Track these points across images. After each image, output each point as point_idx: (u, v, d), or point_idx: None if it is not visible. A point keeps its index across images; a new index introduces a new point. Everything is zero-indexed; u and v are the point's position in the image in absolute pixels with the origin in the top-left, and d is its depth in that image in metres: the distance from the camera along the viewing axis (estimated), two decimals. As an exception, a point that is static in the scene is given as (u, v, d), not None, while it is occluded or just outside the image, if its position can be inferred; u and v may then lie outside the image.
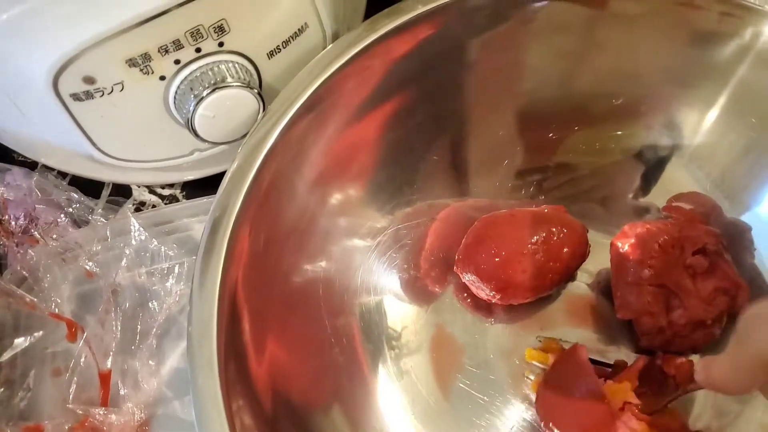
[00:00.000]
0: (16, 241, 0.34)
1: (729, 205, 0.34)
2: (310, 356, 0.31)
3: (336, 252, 0.34)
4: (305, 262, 0.32)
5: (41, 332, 0.33)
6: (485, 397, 0.33)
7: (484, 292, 0.33)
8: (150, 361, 0.33)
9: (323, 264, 0.33)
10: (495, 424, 0.32)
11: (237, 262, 0.27)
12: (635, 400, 0.28)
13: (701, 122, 0.34)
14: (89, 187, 0.37)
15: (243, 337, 0.27)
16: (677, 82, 0.34)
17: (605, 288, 0.34)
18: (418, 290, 0.36)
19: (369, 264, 0.35)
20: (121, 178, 0.37)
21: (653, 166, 0.36)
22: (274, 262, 0.30)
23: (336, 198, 0.34)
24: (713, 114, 0.34)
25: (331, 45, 0.32)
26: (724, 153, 0.34)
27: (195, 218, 0.38)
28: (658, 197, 0.36)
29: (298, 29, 0.32)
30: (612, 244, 0.29)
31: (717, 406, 0.32)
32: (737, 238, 0.33)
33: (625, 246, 0.32)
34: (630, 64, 0.34)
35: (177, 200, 0.40)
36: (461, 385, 0.33)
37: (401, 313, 0.35)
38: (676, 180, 0.36)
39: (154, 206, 0.40)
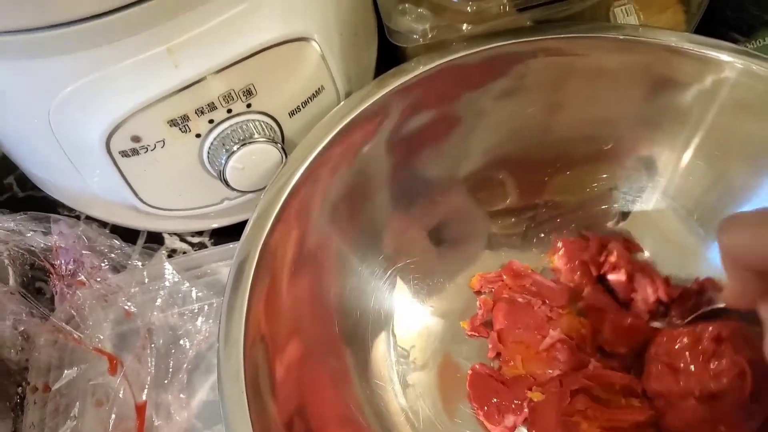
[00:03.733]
0: (66, 283, 0.36)
1: (704, 232, 0.35)
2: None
3: (351, 280, 0.35)
4: (322, 291, 0.34)
5: (85, 366, 0.35)
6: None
7: None
8: (181, 395, 0.35)
9: (339, 291, 0.34)
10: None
11: (259, 299, 0.29)
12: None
13: (676, 161, 0.36)
14: (125, 236, 0.39)
15: (266, 355, 0.29)
16: (652, 126, 0.36)
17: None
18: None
19: (382, 291, 0.36)
20: (156, 226, 0.39)
21: (631, 199, 0.38)
22: (294, 293, 0.32)
23: (351, 232, 0.35)
24: (687, 154, 0.35)
25: (343, 102, 0.35)
26: (696, 185, 0.35)
27: (222, 262, 0.39)
28: (633, 225, 0.38)
29: (315, 91, 0.35)
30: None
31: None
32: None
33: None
34: (606, 112, 0.36)
35: (205, 247, 0.42)
36: (468, 410, 0.34)
37: (410, 341, 0.36)
38: (653, 209, 0.37)
39: (184, 253, 0.42)
